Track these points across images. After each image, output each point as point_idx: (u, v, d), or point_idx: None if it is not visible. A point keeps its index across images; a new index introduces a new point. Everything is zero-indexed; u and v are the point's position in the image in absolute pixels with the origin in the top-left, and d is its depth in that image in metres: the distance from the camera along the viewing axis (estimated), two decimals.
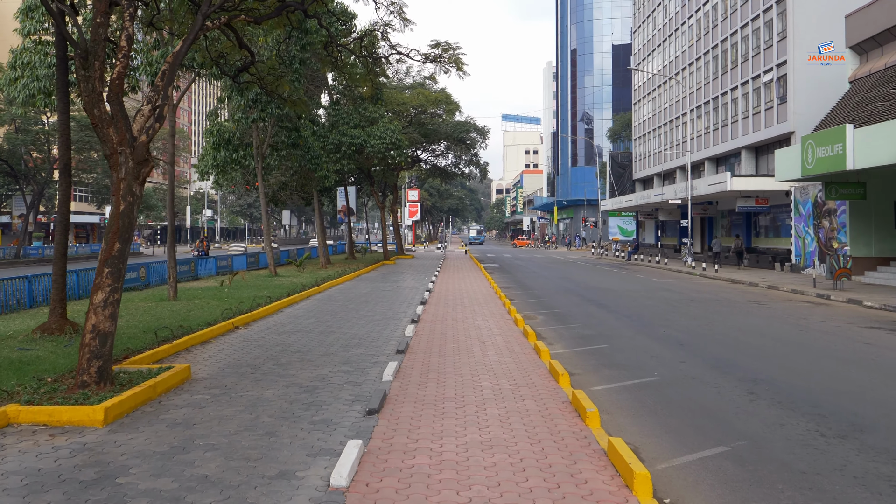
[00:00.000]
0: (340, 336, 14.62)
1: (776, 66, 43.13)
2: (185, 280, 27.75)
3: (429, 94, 47.20)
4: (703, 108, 54.68)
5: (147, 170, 9.39)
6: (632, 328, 17.17)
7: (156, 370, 9.64)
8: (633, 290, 28.21)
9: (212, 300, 19.69)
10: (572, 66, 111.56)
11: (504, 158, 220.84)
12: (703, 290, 28.82)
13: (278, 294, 21.51)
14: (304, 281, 27.44)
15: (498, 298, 23.45)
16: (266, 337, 14.43)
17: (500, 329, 16.04)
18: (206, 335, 13.77)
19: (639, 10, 73.43)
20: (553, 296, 25.81)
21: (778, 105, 43.03)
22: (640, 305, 22.51)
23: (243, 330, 15.28)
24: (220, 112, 30.13)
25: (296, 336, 14.57)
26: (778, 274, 36.84)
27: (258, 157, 29.51)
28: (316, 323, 16.67)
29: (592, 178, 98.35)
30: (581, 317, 19.39)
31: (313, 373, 10.80)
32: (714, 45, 52.44)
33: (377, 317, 17.98)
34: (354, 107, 39.06)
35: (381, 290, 25.96)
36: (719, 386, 10.71)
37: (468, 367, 11.45)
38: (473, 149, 53.84)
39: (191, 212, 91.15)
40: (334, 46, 14.79)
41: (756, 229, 48.75)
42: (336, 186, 46.27)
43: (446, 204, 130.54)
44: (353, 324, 16.60)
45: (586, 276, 37.24)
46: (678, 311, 21.11)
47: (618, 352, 13.76)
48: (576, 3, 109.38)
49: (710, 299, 24.79)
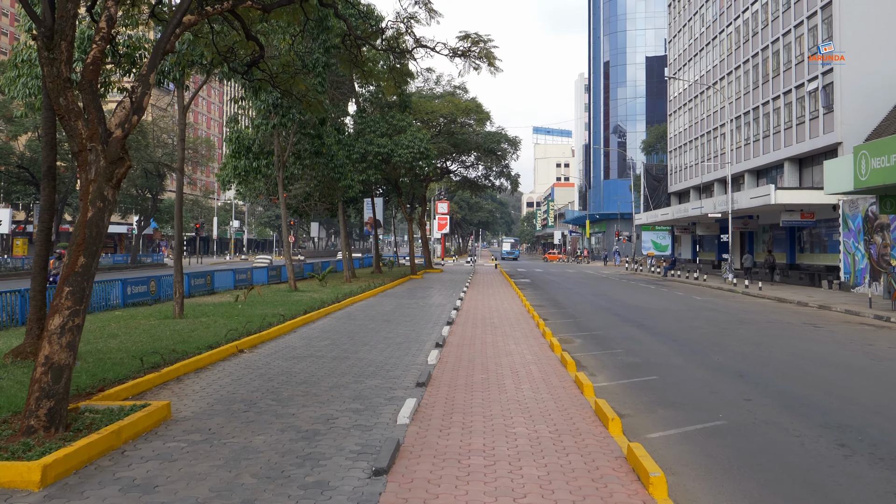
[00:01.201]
0: (355, 363, 13.04)
1: (822, 75, 41.05)
2: (199, 294, 26.39)
3: (459, 103, 45.70)
4: (743, 119, 52.59)
5: (122, 170, 7.92)
6: (681, 355, 15.41)
7: (128, 408, 8.09)
8: (675, 310, 26.42)
9: (221, 318, 18.23)
10: (605, 77, 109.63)
11: (535, 171, 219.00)
12: (749, 309, 26.94)
13: (294, 312, 20.01)
14: (324, 297, 25.97)
15: (530, 318, 21.78)
16: (271, 363, 12.89)
17: (534, 355, 14.37)
18: (202, 361, 12.26)
19: (674, 20, 71.47)
20: (589, 315, 24.08)
21: (824, 115, 40.91)
22: (685, 327, 20.73)
23: (248, 354, 13.75)
24: (240, 118, 28.84)
25: (305, 362, 13.01)
26: (826, 292, 34.89)
27: (279, 165, 28.15)
28: (330, 346, 15.11)
29: (625, 191, 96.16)
30: (622, 340, 17.65)
31: (317, 412, 9.21)
32: (754, 54, 50.41)
33: (399, 339, 16.39)
34: (381, 115, 37.65)
35: (406, 308, 24.39)
36: (800, 434, 8.95)
37: (499, 406, 9.79)
38: (504, 160, 52.20)
39: (218, 223, 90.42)
40: (353, 39, 13.29)
41: (800, 245, 46.55)
42: (363, 197, 44.91)
43: (476, 217, 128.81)
44: (372, 347, 15.01)
45: (622, 293, 35.43)
46: (729, 334, 19.30)
47: (671, 385, 12.03)
48: (609, 14, 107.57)
49: (761, 320, 22.95)
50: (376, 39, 13.32)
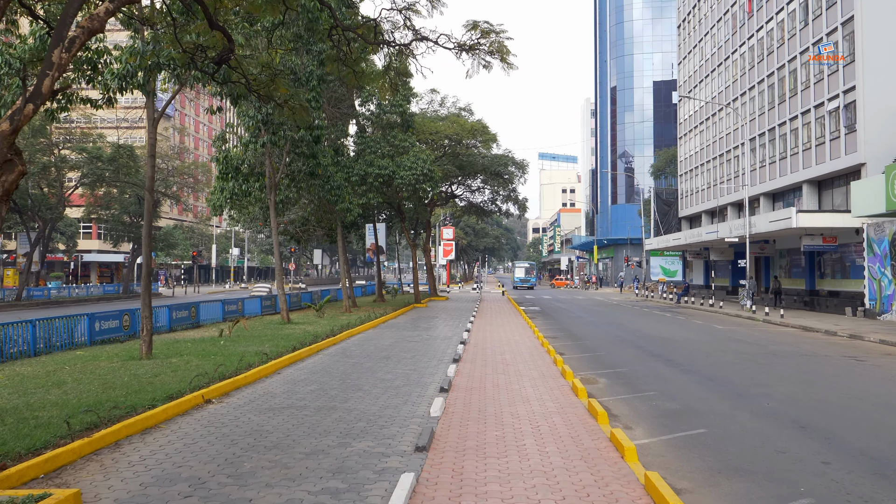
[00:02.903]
0: (343, 415, 10.90)
1: (843, 93, 39.09)
2: (182, 328, 24.23)
3: (464, 124, 43.72)
4: (758, 141, 50.61)
5: (12, 177, 5.88)
6: (724, 398, 13.28)
7: (19, 502, 5.95)
8: (700, 341, 24.32)
9: (196, 358, 16.09)
10: (612, 102, 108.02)
11: (540, 197, 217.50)
12: (777, 340, 24.86)
13: (281, 349, 17.87)
14: (319, 329, 23.86)
15: (545, 352, 19.65)
16: (240, 418, 10.74)
17: (556, 402, 12.24)
18: (154, 418, 10.10)
19: (684, 42, 69.78)
20: (609, 348, 21.94)
21: (846, 135, 38.92)
22: (716, 362, 18.60)
23: (215, 406, 11.61)
24: (229, 136, 26.78)
25: (282, 416, 10.87)
26: (851, 320, 33.01)
27: (271, 187, 26.12)
28: (316, 392, 12.96)
29: (633, 216, 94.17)
30: (652, 379, 15.51)
31: (282, 497, 7.06)
32: (770, 73, 48.53)
33: (397, 381, 14.24)
34: (383, 135, 35.69)
35: (408, 342, 22.25)
36: None
37: (521, 483, 7.65)
38: (512, 183, 50.18)
39: (218, 250, 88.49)
40: (340, 32, 11.30)
41: (820, 270, 44.36)
42: (364, 222, 42.96)
43: (482, 243, 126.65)
44: (365, 394, 12.88)
45: (638, 321, 33.30)
46: (766, 370, 17.17)
47: (725, 442, 9.88)
48: (616, 38, 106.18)
49: (795, 353, 20.87)
50: (369, 33, 11.31)
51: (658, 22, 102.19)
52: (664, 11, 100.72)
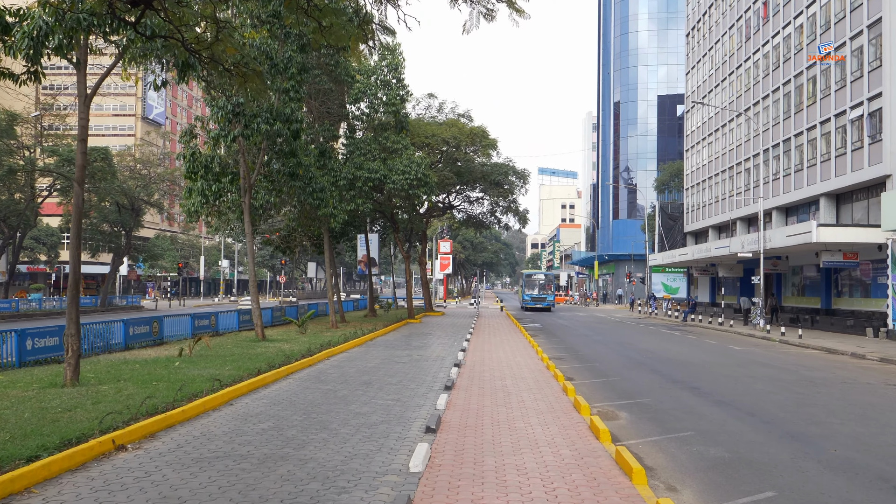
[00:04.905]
0: (293, 470, 8.22)
1: (867, 101, 36.62)
2: (140, 346, 21.41)
3: (463, 128, 41.06)
4: (772, 152, 48.11)
5: None
6: (777, 442, 10.72)
7: None
8: (720, 364, 21.86)
9: (134, 384, 13.33)
10: (615, 116, 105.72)
11: (540, 212, 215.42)
12: (804, 363, 22.45)
13: (242, 373, 15.15)
14: (296, 348, 21.17)
15: (552, 377, 17.03)
16: (153, 475, 8.00)
17: (572, 449, 9.59)
18: (28, 477, 7.36)
19: (693, 51, 67.40)
20: (623, 372, 19.32)
21: (869, 144, 36.45)
22: (748, 391, 16.04)
23: (128, 454, 8.90)
24: (198, 131, 24.01)
25: (211, 472, 8.16)
26: (873, 341, 30.76)
27: (246, 189, 23.44)
28: (268, 433, 10.22)
29: (635, 231, 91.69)
30: (682, 414, 12.90)
31: None
32: (786, 81, 46.09)
33: (374, 417, 11.55)
34: (374, 136, 33.02)
35: (395, 363, 19.57)
36: None
37: None
38: (512, 194, 47.49)
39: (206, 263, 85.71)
40: None
41: (837, 288, 41.84)
42: (355, 232, 40.33)
43: (480, 258, 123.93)
44: (331, 435, 10.19)
45: (648, 341, 30.74)
46: (810, 402, 14.67)
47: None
48: (620, 50, 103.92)
49: (832, 380, 18.43)
50: None
51: (664, 33, 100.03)
52: (670, 23, 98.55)
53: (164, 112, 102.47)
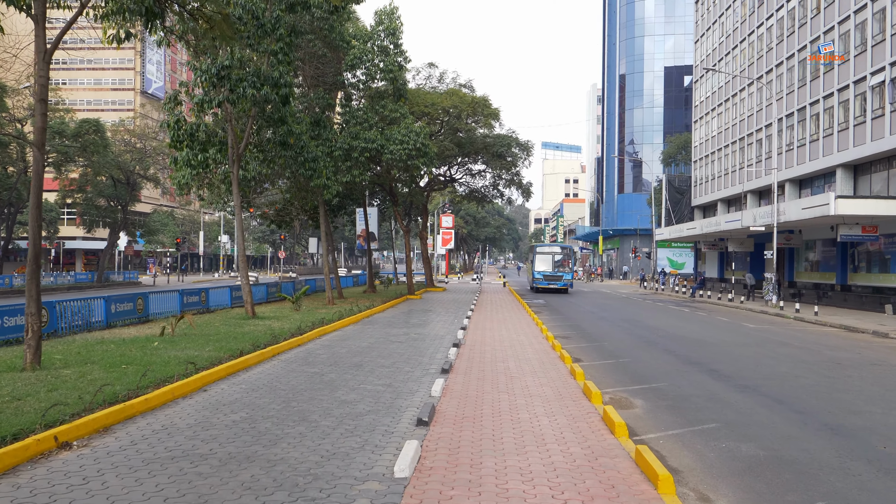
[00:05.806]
0: (259, 475, 6.93)
1: (889, 66, 34.99)
2: (122, 324, 20.17)
3: (464, 97, 39.43)
4: (786, 122, 46.51)
5: None
6: (816, 435, 9.45)
7: None
8: (736, 343, 20.63)
9: (102, 367, 12.05)
10: (620, 88, 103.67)
11: (543, 187, 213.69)
12: (826, 343, 21.24)
13: (224, 353, 13.89)
14: (286, 326, 19.92)
15: (557, 358, 15.76)
16: (93, 481, 6.69)
17: (584, 446, 8.31)
18: None
19: (702, 17, 65.45)
20: (633, 352, 18.07)
21: (891, 112, 34.87)
22: (772, 374, 14.76)
23: (71, 453, 7.59)
24: (182, 97, 22.48)
25: (164, 475, 6.87)
26: (894, 318, 29.66)
27: (234, 159, 22.09)
28: (239, 426, 8.93)
29: (640, 205, 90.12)
30: (704, 402, 11.64)
31: None
32: (801, 47, 44.36)
33: (361, 407, 10.27)
34: (370, 104, 31.53)
35: (390, 343, 18.32)
36: None
37: None
38: (515, 167, 45.96)
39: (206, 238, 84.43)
40: None
41: (854, 263, 40.44)
42: (353, 206, 38.94)
43: (483, 233, 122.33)
44: (310, 427, 8.93)
45: (656, 318, 29.50)
46: (841, 386, 13.43)
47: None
48: (626, 19, 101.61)
49: (860, 361, 17.17)
50: None
51: (671, 3, 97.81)
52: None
53: (163, 86, 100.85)
